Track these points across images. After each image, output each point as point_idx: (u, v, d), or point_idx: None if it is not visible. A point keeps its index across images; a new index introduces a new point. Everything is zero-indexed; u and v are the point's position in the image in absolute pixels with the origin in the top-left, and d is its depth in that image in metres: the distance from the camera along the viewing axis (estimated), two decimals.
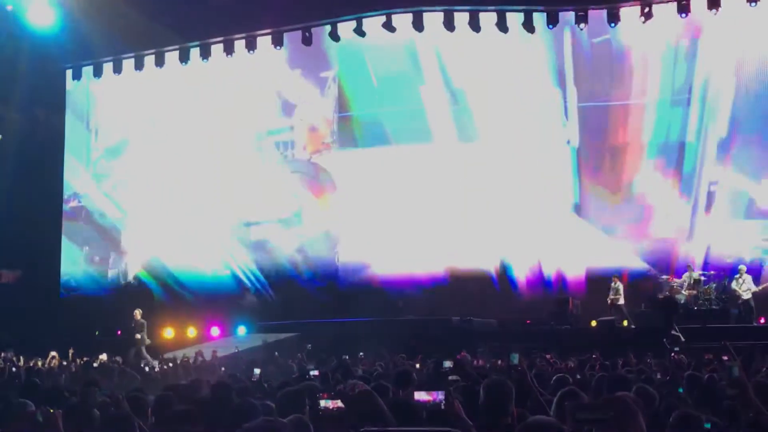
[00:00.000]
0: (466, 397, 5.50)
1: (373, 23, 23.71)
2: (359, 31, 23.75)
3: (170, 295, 25.96)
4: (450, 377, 8.30)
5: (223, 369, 14.10)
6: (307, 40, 24.56)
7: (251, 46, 24.85)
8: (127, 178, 27.45)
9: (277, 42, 24.92)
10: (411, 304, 22.79)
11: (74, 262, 27.98)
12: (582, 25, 22.40)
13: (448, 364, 9.51)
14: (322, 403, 3.50)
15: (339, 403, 3.53)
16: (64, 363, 17.06)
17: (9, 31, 25.36)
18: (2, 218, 27.89)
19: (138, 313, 20.53)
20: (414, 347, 16.64)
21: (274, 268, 25.16)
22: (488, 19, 22.73)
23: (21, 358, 18.26)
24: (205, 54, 25.63)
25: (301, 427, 3.78)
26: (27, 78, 27.22)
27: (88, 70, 27.82)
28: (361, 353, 16.23)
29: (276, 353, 16.62)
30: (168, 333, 23.75)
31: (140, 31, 24.63)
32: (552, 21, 22.61)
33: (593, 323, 20.69)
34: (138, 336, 19.89)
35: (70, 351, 18.90)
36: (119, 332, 23.60)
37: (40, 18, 24.35)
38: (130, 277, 26.78)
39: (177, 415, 5.51)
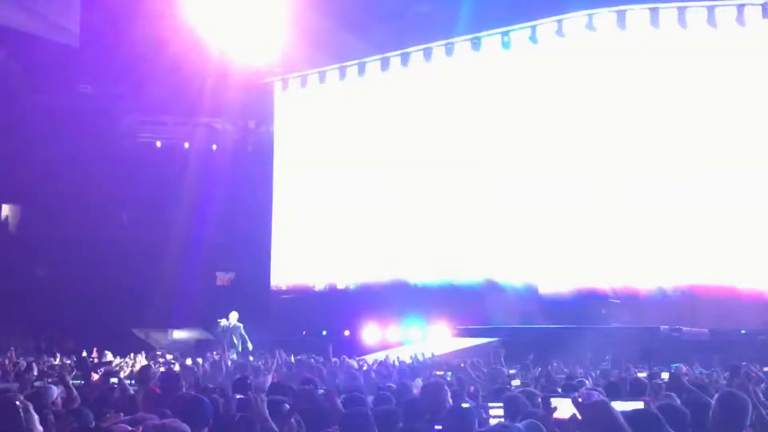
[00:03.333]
0: (694, 409, 5.24)
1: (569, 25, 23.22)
2: (559, 33, 23.34)
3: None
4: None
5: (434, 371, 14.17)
6: (506, 45, 24.43)
7: (449, 52, 25.06)
8: (338, 185, 28.03)
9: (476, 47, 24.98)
10: (614, 312, 22.02)
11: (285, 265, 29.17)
12: None
13: (664, 375, 9.07)
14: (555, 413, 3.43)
15: (573, 411, 3.43)
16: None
17: (220, 48, 27.01)
18: (217, 224, 29.79)
19: (233, 316, 20.55)
20: (621, 356, 16.05)
21: None
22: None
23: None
24: (405, 62, 26.17)
25: None
26: (238, 91, 28.95)
27: (294, 82, 29.12)
28: (554, 363, 15.74)
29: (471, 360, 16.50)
30: (371, 333, 24.30)
31: (342, 43, 25.50)
32: None
33: None
34: (235, 339, 19.93)
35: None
36: (304, 332, 24.61)
37: (244, 34, 25.78)
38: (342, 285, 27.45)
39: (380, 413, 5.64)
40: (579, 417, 3.36)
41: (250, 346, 20.52)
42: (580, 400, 3.44)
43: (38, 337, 27.63)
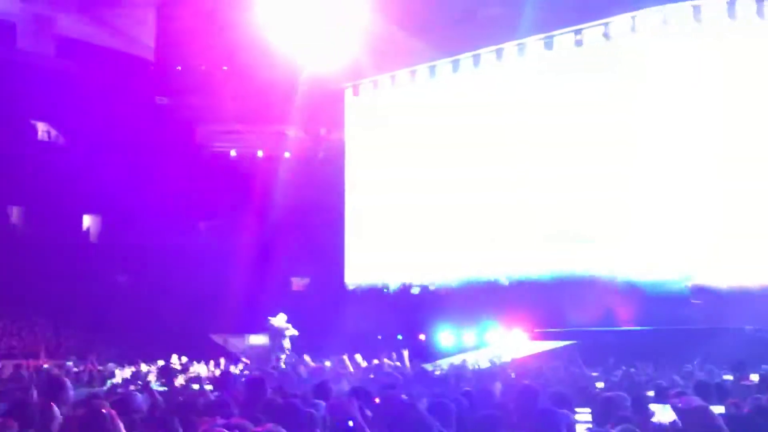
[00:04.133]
0: None
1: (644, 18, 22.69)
2: (632, 29, 22.87)
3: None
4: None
5: (513, 374, 13.96)
6: (578, 43, 24.05)
7: (521, 52, 24.81)
8: (409, 186, 27.97)
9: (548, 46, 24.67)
10: (697, 310, 21.37)
11: (358, 269, 29.24)
12: None
13: (754, 377, 8.72)
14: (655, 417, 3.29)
15: (672, 416, 3.27)
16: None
17: (291, 57, 27.25)
18: (291, 230, 30.07)
19: (281, 319, 20.00)
20: (705, 358, 15.52)
21: None
22: None
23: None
24: (476, 63, 26.00)
25: None
26: (309, 99, 29.20)
27: (365, 87, 29.21)
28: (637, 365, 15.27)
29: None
30: (446, 337, 24.16)
31: (412, 47, 25.48)
32: None
33: None
34: (285, 343, 19.42)
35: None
36: (379, 337, 24.60)
37: (315, 42, 25.95)
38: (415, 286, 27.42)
39: (481, 420, 5.50)
40: (679, 423, 3.20)
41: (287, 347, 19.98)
42: (679, 405, 3.27)
43: (120, 343, 28.25)
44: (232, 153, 33.16)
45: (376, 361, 16.02)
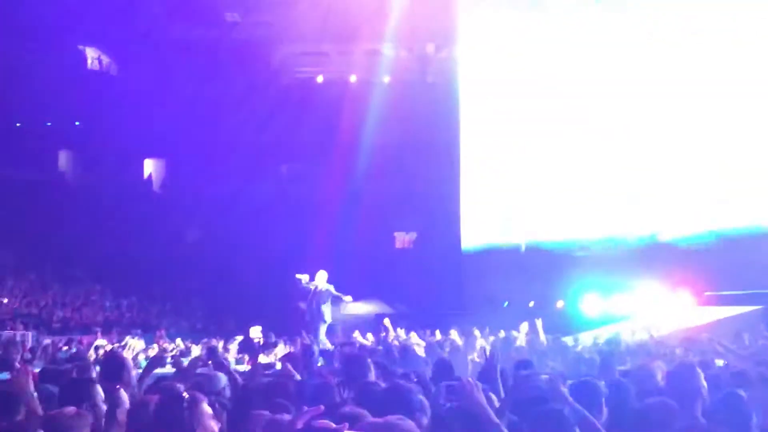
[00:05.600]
0: None
1: None
2: None
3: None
4: None
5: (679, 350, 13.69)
6: None
7: None
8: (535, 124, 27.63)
9: None
10: None
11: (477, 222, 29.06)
12: None
13: None
14: None
15: None
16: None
17: None
18: (394, 174, 30.10)
19: (321, 276, 18.29)
20: None
21: None
22: None
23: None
24: None
25: None
26: (412, 9, 28.86)
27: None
28: None
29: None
30: (591, 304, 23.96)
31: None
32: None
33: None
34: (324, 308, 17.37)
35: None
36: (506, 303, 24.50)
37: None
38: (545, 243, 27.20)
39: (640, 411, 5.42)
40: None
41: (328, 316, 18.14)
42: None
43: (190, 314, 29.02)
44: (319, 79, 33.27)
45: (501, 334, 15.93)
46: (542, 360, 11.93)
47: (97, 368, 7.67)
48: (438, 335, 16.32)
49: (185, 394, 4.38)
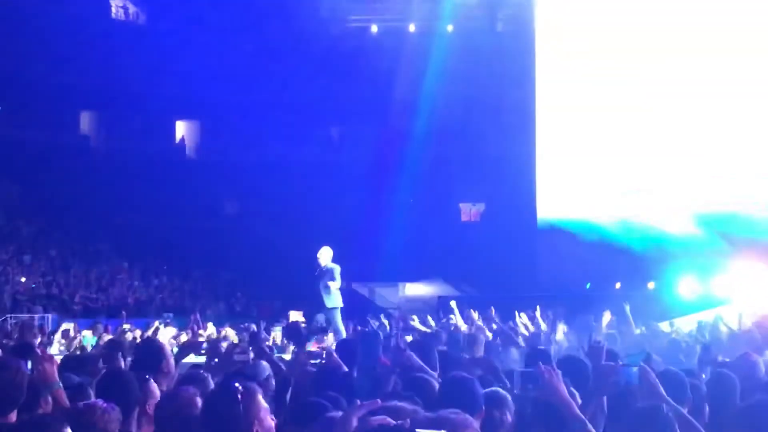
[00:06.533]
0: None
1: None
2: None
3: None
4: None
5: None
6: None
7: None
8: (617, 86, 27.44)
9: None
10: None
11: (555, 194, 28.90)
12: None
13: None
14: None
15: None
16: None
17: None
18: (458, 137, 30.01)
19: (325, 254, 17.02)
20: None
21: None
22: None
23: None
24: None
25: None
26: None
27: None
28: None
29: None
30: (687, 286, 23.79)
31: None
32: None
33: None
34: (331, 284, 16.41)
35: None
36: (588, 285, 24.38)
37: None
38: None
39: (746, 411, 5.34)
40: None
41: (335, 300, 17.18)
42: None
43: (228, 295, 29.20)
44: (373, 29, 33.18)
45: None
46: (632, 349, 11.85)
47: (125, 356, 7.71)
48: (524, 319, 16.17)
49: (238, 386, 4.33)
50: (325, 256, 17.02)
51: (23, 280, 26.11)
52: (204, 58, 29.45)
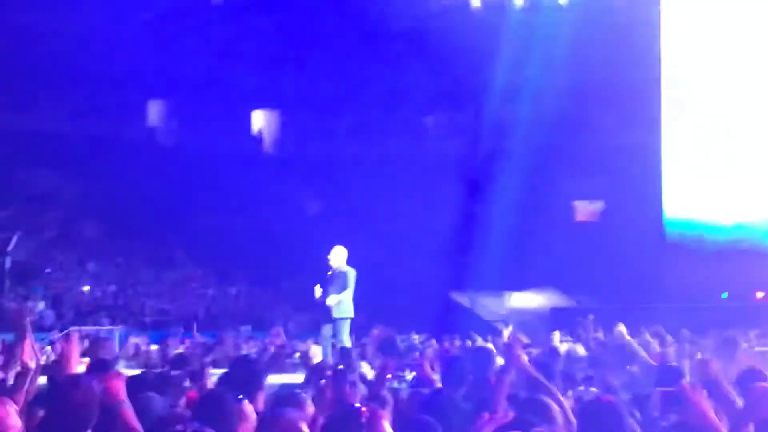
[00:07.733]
0: None
1: None
2: None
3: None
4: None
5: None
6: None
7: None
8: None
9: None
10: None
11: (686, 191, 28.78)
12: None
13: None
14: None
15: None
16: None
17: None
18: (576, 122, 29.87)
19: (338, 254, 16.65)
20: None
21: None
22: None
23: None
24: None
25: None
26: None
27: None
28: None
29: None
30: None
31: None
32: None
33: None
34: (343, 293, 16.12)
35: None
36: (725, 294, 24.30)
37: None
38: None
39: None
40: None
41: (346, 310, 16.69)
42: None
43: (314, 306, 29.25)
44: (474, 3, 33.08)
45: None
46: None
47: (212, 374, 7.90)
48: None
49: (363, 409, 4.49)
50: (337, 256, 16.63)
51: (86, 289, 26.53)
52: (282, 41, 29.73)
